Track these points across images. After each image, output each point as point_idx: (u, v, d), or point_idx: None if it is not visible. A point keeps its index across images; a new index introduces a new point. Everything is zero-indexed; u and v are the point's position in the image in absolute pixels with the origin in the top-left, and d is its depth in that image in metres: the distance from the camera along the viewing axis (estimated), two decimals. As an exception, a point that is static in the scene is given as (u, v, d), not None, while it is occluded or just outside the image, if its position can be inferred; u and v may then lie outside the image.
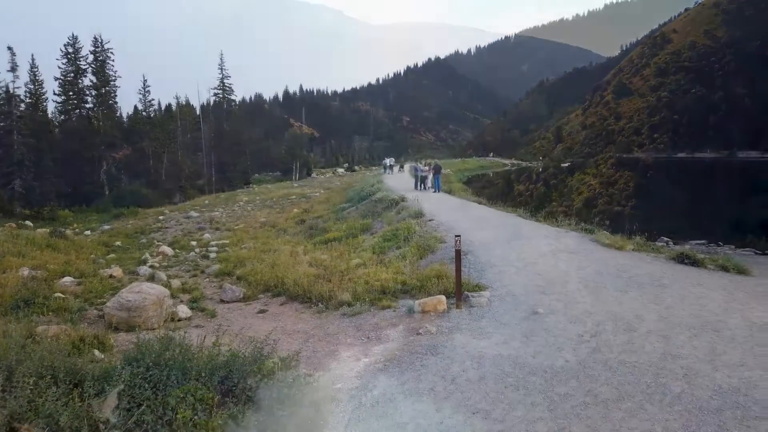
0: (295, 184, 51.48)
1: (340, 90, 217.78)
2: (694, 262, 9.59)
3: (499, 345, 5.74)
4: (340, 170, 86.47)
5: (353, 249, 14.04)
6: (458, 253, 7.43)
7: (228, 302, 10.04)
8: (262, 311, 9.21)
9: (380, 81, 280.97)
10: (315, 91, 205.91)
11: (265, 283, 10.82)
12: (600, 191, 67.59)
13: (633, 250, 10.75)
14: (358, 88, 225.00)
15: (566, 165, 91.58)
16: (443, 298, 7.48)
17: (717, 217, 26.76)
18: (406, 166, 52.10)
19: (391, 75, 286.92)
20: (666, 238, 17.40)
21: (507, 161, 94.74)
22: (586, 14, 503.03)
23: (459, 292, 7.39)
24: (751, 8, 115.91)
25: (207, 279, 12.46)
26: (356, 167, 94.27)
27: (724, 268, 9.36)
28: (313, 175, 74.17)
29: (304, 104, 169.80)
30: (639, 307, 6.78)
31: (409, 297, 8.32)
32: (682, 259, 9.81)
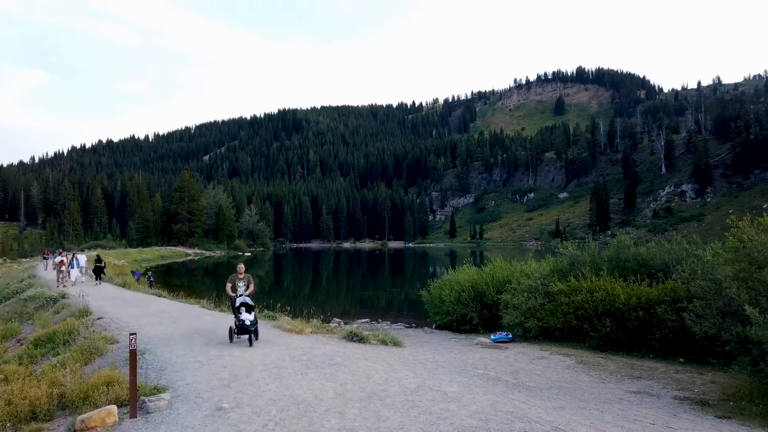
0: None
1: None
2: (361, 339, 10.95)
3: (180, 452, 5.26)
4: (-27, 262, 69.29)
5: (-12, 362, 11.16)
6: (133, 353, 6.66)
7: None
8: None
9: (36, 159, 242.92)
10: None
11: None
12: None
13: (311, 332, 11.60)
14: (5, 165, 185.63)
15: (248, 254, 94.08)
16: (114, 408, 6.49)
17: (376, 296, 31.24)
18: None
19: (52, 153, 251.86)
20: (338, 319, 19.32)
21: (190, 251, 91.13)
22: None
23: (134, 399, 6.55)
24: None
25: None
26: (-2, 258, 77.08)
27: (384, 342, 10.97)
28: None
29: None
30: (318, 387, 7.24)
31: (69, 413, 6.96)
32: (352, 338, 11.08)
